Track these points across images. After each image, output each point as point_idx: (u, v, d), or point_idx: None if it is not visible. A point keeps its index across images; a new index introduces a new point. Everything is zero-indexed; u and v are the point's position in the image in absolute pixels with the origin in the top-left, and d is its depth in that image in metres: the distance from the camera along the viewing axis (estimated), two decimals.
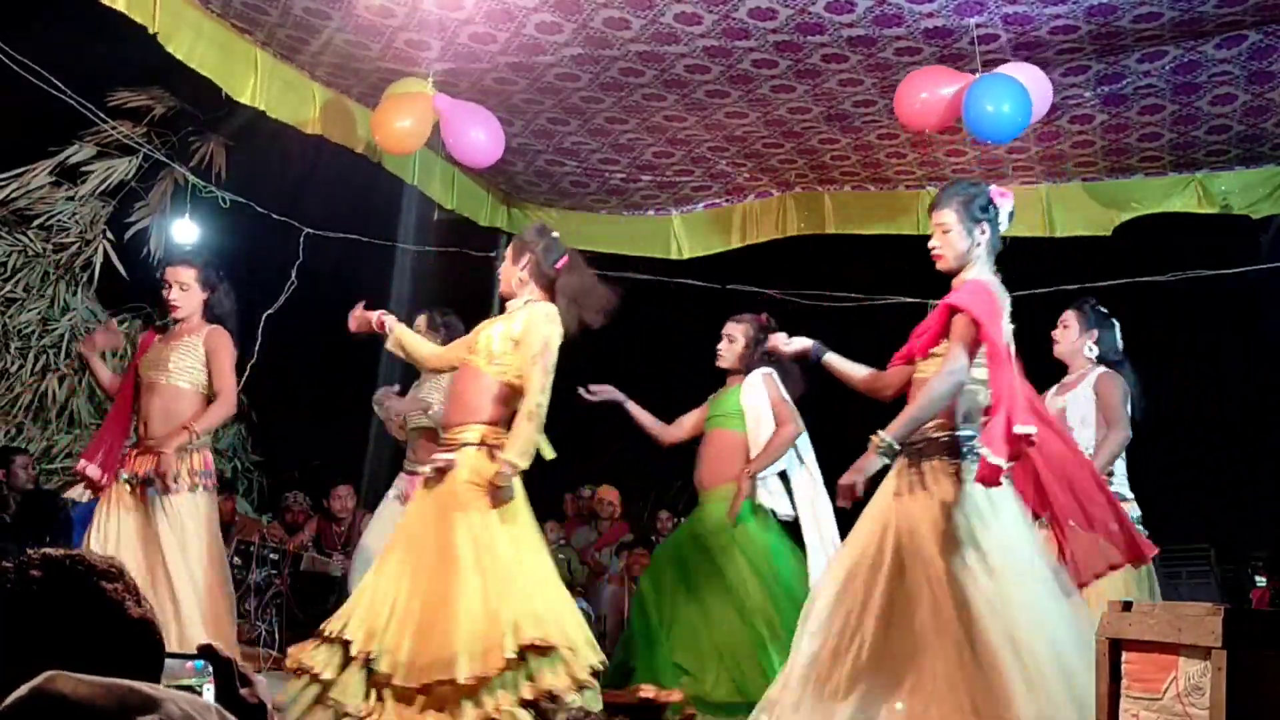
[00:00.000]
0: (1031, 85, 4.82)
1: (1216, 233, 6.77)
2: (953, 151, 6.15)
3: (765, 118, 5.89)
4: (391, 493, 5.34)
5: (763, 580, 4.73)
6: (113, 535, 4.23)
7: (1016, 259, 7.01)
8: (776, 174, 6.72)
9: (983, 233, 3.55)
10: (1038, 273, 6.85)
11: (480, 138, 5.47)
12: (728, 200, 7.10)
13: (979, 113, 4.72)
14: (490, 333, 4.03)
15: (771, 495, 4.88)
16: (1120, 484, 4.36)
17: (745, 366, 5.01)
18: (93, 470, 4.36)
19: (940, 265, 3.59)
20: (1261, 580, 7.81)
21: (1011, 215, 3.66)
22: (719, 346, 5.08)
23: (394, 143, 5.41)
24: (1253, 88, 5.30)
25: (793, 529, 4.89)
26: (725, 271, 7.55)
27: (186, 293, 4.47)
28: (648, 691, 4.43)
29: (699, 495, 5.07)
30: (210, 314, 4.50)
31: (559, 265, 4.07)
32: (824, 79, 5.39)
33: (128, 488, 4.29)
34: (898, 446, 3.33)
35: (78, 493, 4.40)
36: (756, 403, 4.92)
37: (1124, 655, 2.61)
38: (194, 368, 4.41)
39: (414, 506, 4.08)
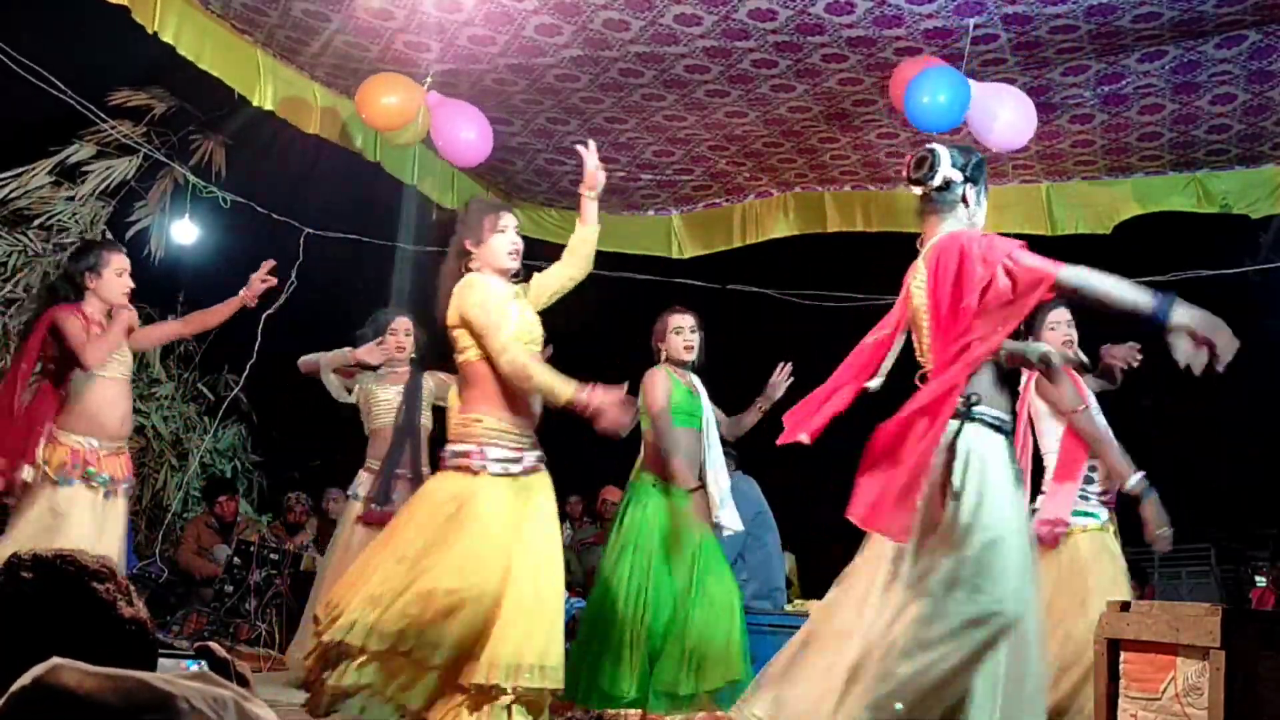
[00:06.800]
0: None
1: (1216, 233, 6.77)
2: None
3: (765, 117, 5.89)
4: (363, 494, 5.26)
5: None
6: (93, 534, 4.22)
7: None
8: (776, 173, 6.72)
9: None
10: None
11: (470, 137, 5.46)
12: (728, 200, 7.10)
13: (917, 104, 4.82)
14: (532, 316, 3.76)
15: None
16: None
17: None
18: (29, 473, 4.21)
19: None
20: (1261, 580, 7.81)
21: None
22: (693, 340, 4.81)
23: (381, 120, 5.31)
24: (1253, 87, 5.29)
25: None
26: (725, 271, 7.55)
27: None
28: None
29: (673, 489, 4.77)
30: None
31: None
32: (824, 79, 5.39)
33: (97, 489, 4.27)
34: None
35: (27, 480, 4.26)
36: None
37: (1122, 655, 2.61)
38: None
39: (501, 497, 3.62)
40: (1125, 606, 2.64)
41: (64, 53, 5.61)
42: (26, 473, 4.19)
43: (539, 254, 7.56)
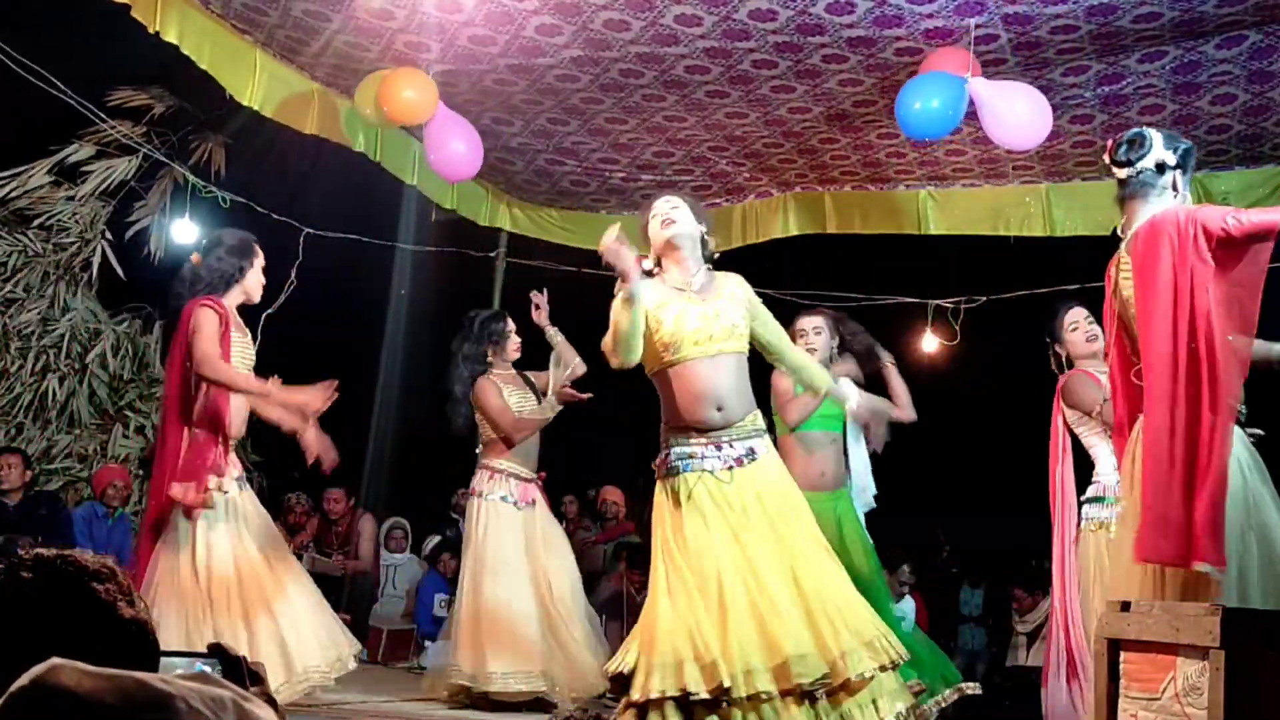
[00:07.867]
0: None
1: None
2: (952, 151, 6.15)
3: (765, 118, 5.89)
4: (500, 499, 5.13)
5: None
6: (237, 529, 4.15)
7: (1017, 258, 7.01)
8: (776, 174, 6.71)
9: None
10: (1038, 272, 6.84)
11: (460, 149, 5.47)
12: (728, 200, 7.09)
13: (909, 112, 4.81)
14: (722, 310, 3.74)
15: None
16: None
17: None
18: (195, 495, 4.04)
19: None
20: None
21: None
22: (816, 343, 4.67)
23: (402, 113, 5.35)
24: (1253, 88, 5.29)
25: None
26: (725, 271, 7.53)
27: None
28: None
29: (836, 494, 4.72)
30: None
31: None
32: (824, 79, 5.39)
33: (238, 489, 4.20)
34: None
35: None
36: None
37: (1123, 655, 2.61)
38: None
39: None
40: (1125, 606, 2.64)
41: (64, 53, 5.61)
42: (216, 484, 4.09)
43: (539, 254, 7.61)
